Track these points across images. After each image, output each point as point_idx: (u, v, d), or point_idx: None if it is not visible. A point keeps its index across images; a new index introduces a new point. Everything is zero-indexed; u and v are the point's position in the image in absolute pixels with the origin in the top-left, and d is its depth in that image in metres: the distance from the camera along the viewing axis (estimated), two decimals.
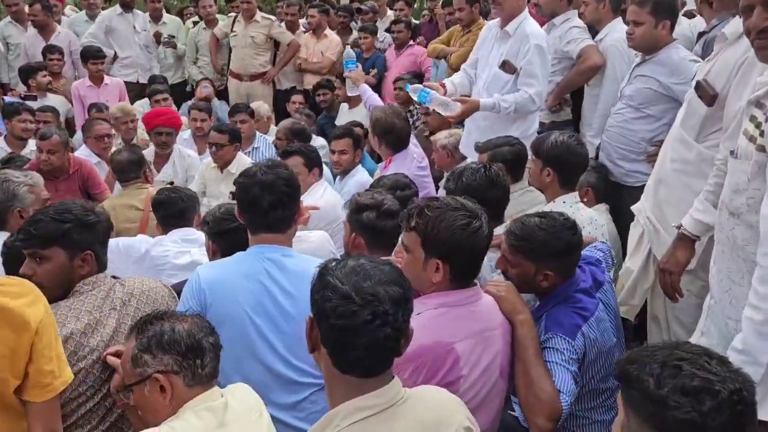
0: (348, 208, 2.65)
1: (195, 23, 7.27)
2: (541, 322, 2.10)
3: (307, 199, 3.51)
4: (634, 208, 2.58)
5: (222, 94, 6.86)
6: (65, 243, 1.87)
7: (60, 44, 6.52)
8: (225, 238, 2.39)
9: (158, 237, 3.05)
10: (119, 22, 6.80)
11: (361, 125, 4.76)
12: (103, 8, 7.41)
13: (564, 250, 2.05)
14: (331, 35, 6.66)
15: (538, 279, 2.08)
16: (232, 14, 6.97)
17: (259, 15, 6.67)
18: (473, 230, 1.82)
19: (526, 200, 3.21)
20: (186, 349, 1.55)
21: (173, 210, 3.03)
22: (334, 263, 1.39)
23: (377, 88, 6.43)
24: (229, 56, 6.78)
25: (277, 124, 6.43)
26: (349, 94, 4.98)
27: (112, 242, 3.05)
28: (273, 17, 6.82)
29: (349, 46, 5.28)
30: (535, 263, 2.06)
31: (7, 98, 5.69)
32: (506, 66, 3.64)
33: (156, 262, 2.91)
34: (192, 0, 7.90)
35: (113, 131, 5.38)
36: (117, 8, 6.90)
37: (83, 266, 1.90)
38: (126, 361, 1.58)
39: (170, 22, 7.13)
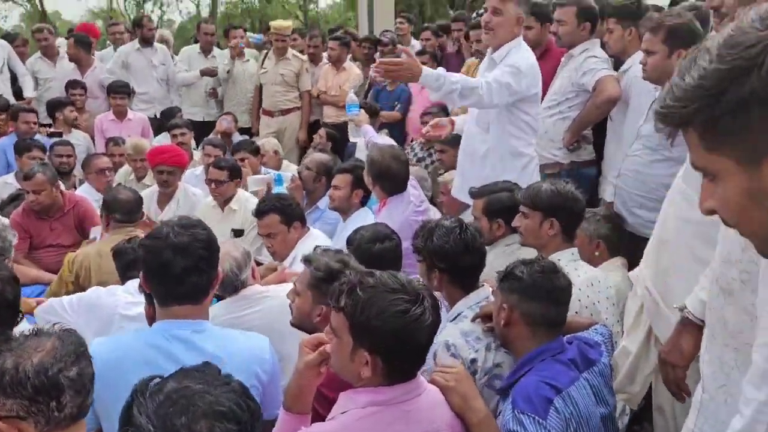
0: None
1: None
2: (509, 397, 1.81)
3: (296, 261, 3.24)
4: (631, 274, 2.18)
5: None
6: None
7: (95, 79, 6.57)
8: None
9: (112, 286, 2.84)
10: (136, 57, 6.79)
11: None
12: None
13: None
14: (351, 68, 6.48)
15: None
16: (265, 50, 6.92)
17: (290, 53, 6.57)
18: (412, 318, 1.51)
19: (522, 253, 2.84)
20: (34, 391, 1.28)
21: (124, 261, 2.83)
22: (150, 385, 1.07)
23: (402, 122, 6.21)
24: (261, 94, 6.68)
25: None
26: (352, 140, 4.72)
27: (55, 301, 2.89)
28: (304, 56, 6.70)
29: (352, 91, 5.06)
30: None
31: (37, 136, 5.68)
32: None
33: (106, 311, 2.68)
34: (224, 35, 7.85)
35: (127, 164, 5.31)
36: (135, 43, 6.87)
37: None
38: None
39: (219, 56, 7.03)
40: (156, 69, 6.84)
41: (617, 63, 3.93)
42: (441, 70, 3.29)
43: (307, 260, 2.25)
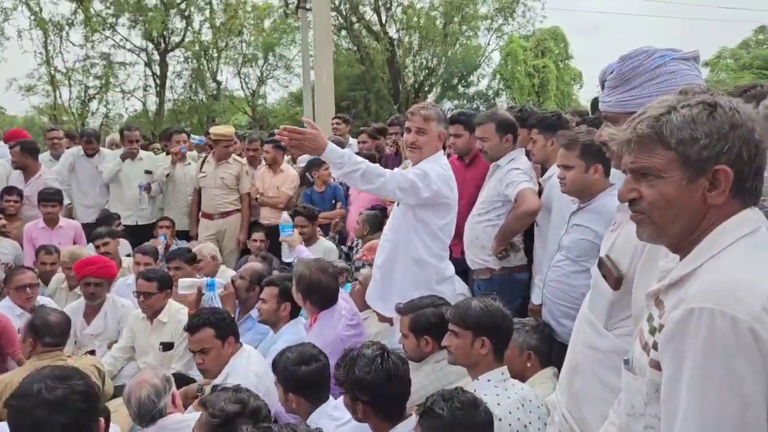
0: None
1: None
2: None
3: (229, 379, 3.13)
4: (548, 400, 2.16)
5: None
6: None
7: (38, 186, 6.29)
8: None
9: None
10: (82, 162, 6.77)
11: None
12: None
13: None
14: (288, 170, 6.53)
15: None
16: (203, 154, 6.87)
17: (232, 157, 6.55)
18: None
19: (453, 371, 2.81)
20: None
21: None
22: None
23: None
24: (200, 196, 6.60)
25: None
26: (285, 260, 4.70)
27: None
28: (244, 160, 6.69)
29: (285, 212, 5.12)
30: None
31: None
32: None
33: None
34: (162, 138, 7.81)
35: (61, 272, 5.13)
36: (80, 149, 6.85)
37: None
38: None
39: (147, 158, 6.91)
40: (101, 175, 6.75)
41: (544, 168, 4.08)
42: (348, 151, 3.28)
43: (203, 404, 2.16)
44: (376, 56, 22.87)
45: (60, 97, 21.56)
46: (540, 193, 3.83)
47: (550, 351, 3.06)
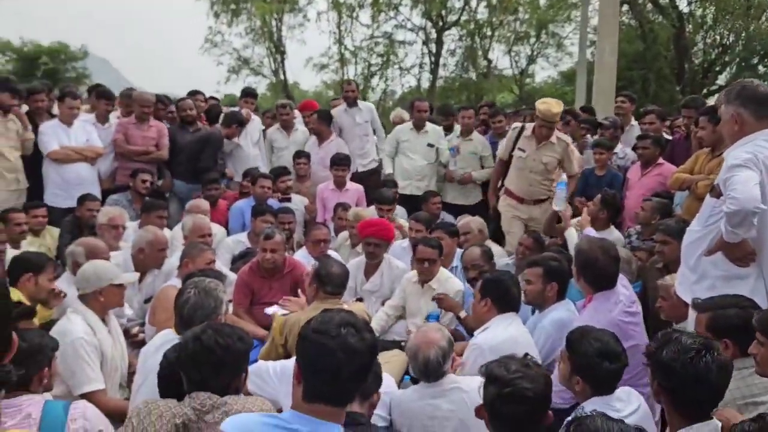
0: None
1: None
2: None
3: (483, 334, 3.23)
4: None
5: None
6: None
7: (329, 151, 7.00)
8: None
9: None
10: (344, 117, 7.44)
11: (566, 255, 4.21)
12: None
13: None
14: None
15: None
16: (517, 125, 5.87)
17: (555, 136, 5.48)
18: None
19: (758, 383, 2.47)
20: None
21: None
22: None
23: None
24: None
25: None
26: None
27: (263, 365, 3.06)
28: (568, 138, 5.71)
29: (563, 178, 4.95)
30: None
31: (270, 201, 6.31)
32: (713, 190, 3.10)
33: None
34: (440, 113, 8.01)
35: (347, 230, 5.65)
36: (344, 105, 7.53)
37: None
38: None
39: (431, 131, 7.08)
40: (359, 126, 7.36)
41: None
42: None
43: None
44: (661, 32, 20.92)
45: (346, 74, 23.65)
46: None
47: None
